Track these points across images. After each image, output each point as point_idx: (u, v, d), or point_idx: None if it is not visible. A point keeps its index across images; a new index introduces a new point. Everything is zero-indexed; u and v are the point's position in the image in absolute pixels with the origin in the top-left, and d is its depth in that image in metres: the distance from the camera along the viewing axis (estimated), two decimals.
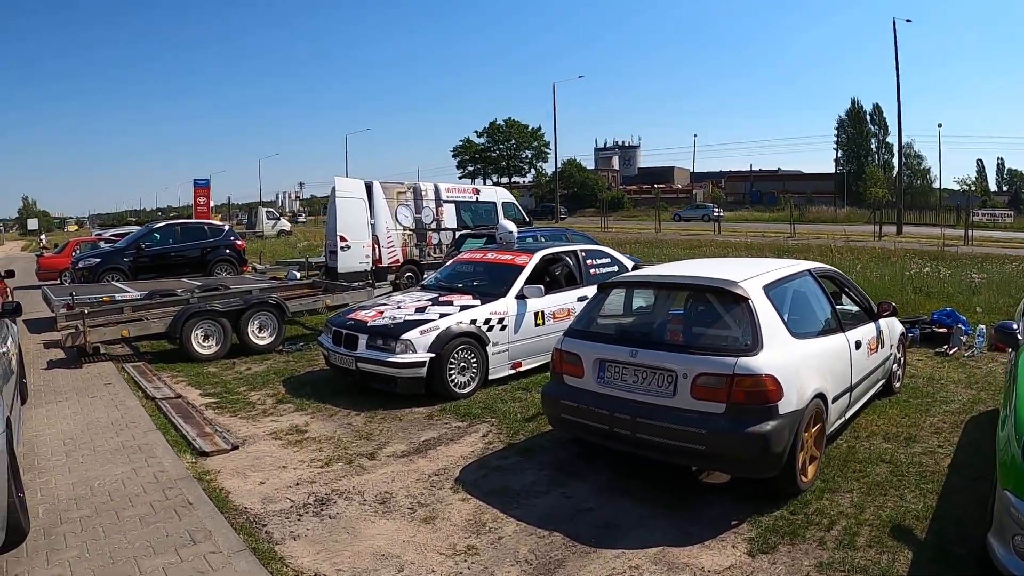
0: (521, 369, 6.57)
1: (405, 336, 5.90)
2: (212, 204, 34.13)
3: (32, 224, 70.18)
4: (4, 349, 4.80)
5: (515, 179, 70.28)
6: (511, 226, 8.48)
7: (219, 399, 6.39)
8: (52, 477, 4.49)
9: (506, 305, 6.49)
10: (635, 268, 7.32)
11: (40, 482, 4.41)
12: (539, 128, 71.35)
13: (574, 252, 7.38)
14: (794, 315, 4.29)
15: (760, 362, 3.70)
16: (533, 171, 72.78)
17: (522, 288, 6.61)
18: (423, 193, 14.41)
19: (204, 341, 7.92)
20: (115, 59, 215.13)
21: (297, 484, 4.34)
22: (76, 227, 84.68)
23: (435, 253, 14.29)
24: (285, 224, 44.44)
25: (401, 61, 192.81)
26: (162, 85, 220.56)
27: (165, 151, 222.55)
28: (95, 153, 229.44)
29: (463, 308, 6.38)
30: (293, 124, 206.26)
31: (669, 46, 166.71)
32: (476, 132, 72.92)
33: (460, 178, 67.92)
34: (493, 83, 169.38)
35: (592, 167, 78.44)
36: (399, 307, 6.61)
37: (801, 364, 3.94)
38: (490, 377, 6.30)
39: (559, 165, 59.94)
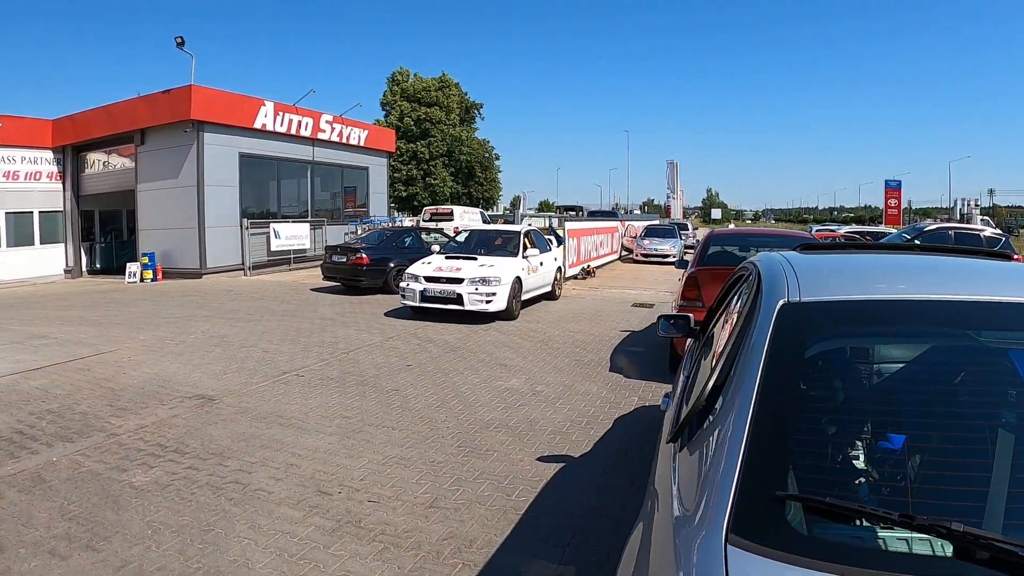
0: None
1: None
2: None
3: (715, 214, 75.20)
4: None
5: None
6: None
7: None
8: None
9: None
10: None
11: None
12: None
13: None
14: None
15: None
16: None
17: None
18: None
19: None
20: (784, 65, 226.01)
21: None
22: (750, 221, 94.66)
23: None
24: None
25: None
26: (837, 89, 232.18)
27: (843, 150, 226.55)
28: (774, 150, 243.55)
29: None
30: (985, 126, 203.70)
31: None
32: None
33: None
34: None
35: None
36: None
37: None
38: None
39: None
